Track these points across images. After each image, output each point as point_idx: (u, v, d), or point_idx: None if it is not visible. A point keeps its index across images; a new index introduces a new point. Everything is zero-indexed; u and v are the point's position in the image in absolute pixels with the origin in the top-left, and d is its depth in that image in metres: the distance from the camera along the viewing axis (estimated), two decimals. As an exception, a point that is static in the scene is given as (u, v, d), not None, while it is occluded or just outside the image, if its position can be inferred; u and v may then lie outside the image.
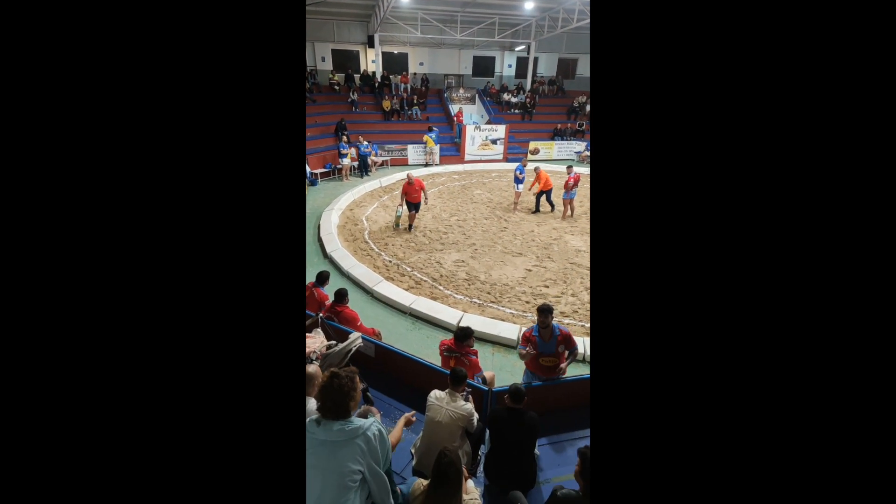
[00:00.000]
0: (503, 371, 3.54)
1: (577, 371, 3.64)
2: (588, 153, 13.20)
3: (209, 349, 0.94)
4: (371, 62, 14.88)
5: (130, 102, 0.91)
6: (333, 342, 2.84)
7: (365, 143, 11.08)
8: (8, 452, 0.81)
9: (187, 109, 0.94)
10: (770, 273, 0.87)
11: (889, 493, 0.77)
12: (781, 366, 0.86)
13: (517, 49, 16.20)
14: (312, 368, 2.02)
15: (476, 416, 2.28)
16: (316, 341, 2.86)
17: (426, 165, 12.19)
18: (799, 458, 0.83)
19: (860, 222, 0.82)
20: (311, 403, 1.87)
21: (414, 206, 7.05)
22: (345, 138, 10.85)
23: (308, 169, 9.85)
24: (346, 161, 10.63)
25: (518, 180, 8.07)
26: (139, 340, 0.90)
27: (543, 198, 8.09)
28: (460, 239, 6.75)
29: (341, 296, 3.43)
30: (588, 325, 4.35)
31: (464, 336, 2.88)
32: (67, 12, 0.87)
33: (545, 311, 2.78)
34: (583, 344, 3.86)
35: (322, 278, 3.77)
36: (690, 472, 0.89)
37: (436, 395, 2.29)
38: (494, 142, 12.88)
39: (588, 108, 15.17)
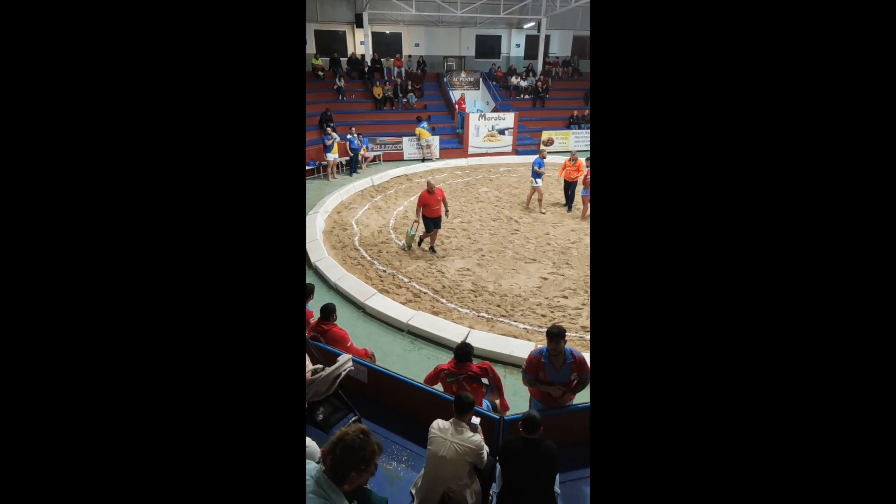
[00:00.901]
0: (517, 396, 3.51)
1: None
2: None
3: (204, 353, 0.99)
4: (360, 44, 15.04)
5: (123, 96, 0.98)
6: (320, 366, 2.83)
7: (355, 135, 11.15)
8: (8, 452, 0.89)
9: (177, 102, 1.00)
10: (778, 277, 0.91)
11: (889, 493, 0.82)
12: (791, 379, 0.90)
13: (526, 27, 16.34)
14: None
15: (486, 449, 2.26)
16: (300, 365, 2.85)
17: (423, 160, 12.25)
18: (804, 481, 0.87)
19: (861, 222, 0.88)
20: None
21: (433, 223, 6.20)
22: (329, 130, 10.91)
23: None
24: (332, 156, 10.69)
25: (536, 175, 7.95)
26: (135, 331, 0.98)
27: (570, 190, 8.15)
28: (465, 244, 6.75)
29: (328, 312, 3.43)
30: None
31: (465, 355, 2.87)
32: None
33: (557, 336, 2.64)
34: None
35: (306, 292, 3.77)
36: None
37: (439, 425, 2.28)
38: (502, 132, 12.94)
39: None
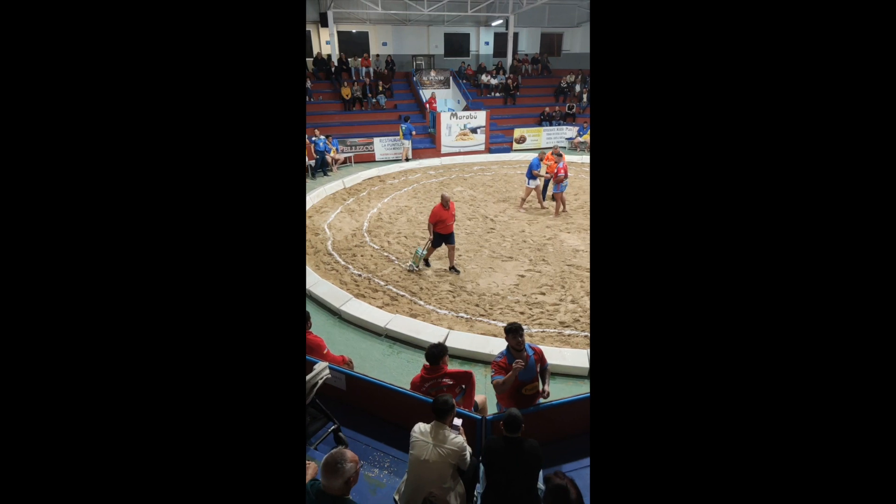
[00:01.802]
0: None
1: (583, 388, 3.69)
2: (580, 139, 13.52)
3: (203, 352, 1.03)
4: (325, 43, 14.86)
5: (122, 94, 1.02)
6: (296, 375, 2.79)
7: (322, 137, 11.00)
8: (8, 452, 0.91)
9: (177, 103, 1.05)
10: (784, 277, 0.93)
11: (889, 493, 0.85)
12: (794, 381, 0.91)
13: (494, 24, 16.51)
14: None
15: (469, 450, 2.28)
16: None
17: (407, 160, 12.12)
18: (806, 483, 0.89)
19: (861, 222, 0.90)
20: None
21: (444, 239, 5.77)
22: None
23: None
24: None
25: (532, 175, 7.98)
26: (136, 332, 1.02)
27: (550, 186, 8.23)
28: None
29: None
30: (592, 335, 4.41)
31: (433, 357, 2.88)
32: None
33: (516, 331, 2.77)
34: (587, 356, 3.92)
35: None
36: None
37: (420, 429, 2.28)
38: (474, 130, 13.02)
39: (577, 88, 15.58)
